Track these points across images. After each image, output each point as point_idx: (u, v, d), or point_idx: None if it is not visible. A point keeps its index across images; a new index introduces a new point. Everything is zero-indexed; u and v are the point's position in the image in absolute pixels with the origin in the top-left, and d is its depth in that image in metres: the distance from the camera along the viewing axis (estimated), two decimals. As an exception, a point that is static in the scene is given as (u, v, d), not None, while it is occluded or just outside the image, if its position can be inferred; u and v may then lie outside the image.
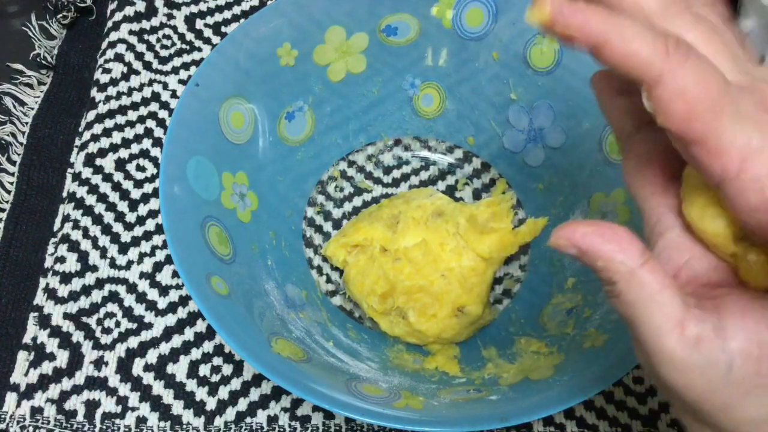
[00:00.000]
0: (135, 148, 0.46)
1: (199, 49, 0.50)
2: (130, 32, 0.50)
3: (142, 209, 0.44)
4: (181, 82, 0.49)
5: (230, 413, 0.39)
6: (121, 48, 0.49)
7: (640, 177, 0.25)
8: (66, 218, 0.43)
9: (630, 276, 0.22)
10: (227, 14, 0.52)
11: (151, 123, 0.47)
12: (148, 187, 0.45)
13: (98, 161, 0.45)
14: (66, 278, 0.41)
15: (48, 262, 0.43)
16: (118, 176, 0.45)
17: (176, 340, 0.41)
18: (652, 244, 0.25)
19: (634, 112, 0.25)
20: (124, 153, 0.46)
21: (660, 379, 0.22)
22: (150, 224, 0.44)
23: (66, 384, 0.39)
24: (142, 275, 0.42)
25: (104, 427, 0.38)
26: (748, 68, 0.22)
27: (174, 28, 0.51)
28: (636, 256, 0.22)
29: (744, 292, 0.22)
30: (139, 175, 0.45)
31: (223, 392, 0.39)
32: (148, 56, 0.49)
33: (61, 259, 0.42)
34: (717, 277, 0.23)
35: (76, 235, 0.43)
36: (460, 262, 0.41)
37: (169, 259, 0.43)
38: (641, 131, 0.25)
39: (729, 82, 0.20)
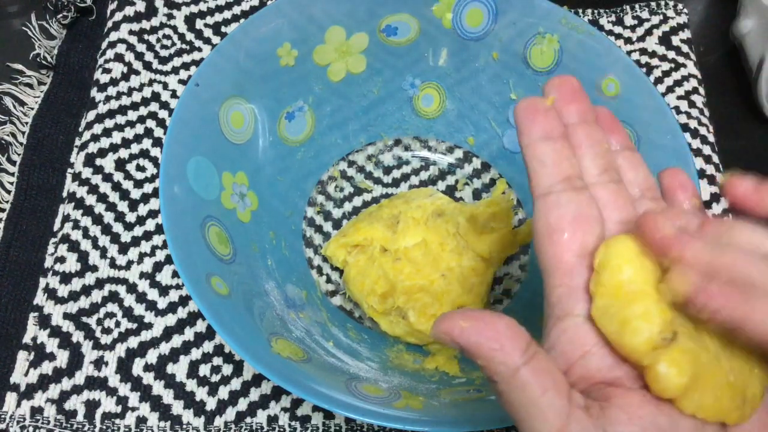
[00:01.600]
0: (135, 148, 0.46)
1: (199, 49, 0.50)
2: (130, 32, 0.50)
3: (142, 209, 0.44)
4: (181, 82, 0.49)
5: (230, 413, 0.39)
6: (121, 48, 0.49)
7: (549, 243, 0.23)
8: (66, 218, 0.43)
9: (510, 377, 0.20)
10: (227, 14, 0.52)
11: (151, 123, 0.47)
12: (148, 187, 0.45)
13: (98, 161, 0.45)
14: (66, 278, 0.41)
15: (48, 262, 0.43)
16: (118, 176, 0.45)
17: (176, 340, 0.41)
18: (549, 325, 0.23)
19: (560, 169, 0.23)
20: (124, 153, 0.46)
21: None
22: (150, 224, 0.44)
23: (66, 384, 0.39)
24: (142, 275, 0.42)
25: (104, 427, 0.38)
26: None
27: (174, 28, 0.51)
28: (517, 355, 0.20)
29: (634, 393, 0.21)
30: (139, 175, 0.45)
31: (223, 392, 0.39)
32: (148, 56, 0.49)
33: (61, 259, 0.42)
34: (612, 375, 0.22)
35: (76, 235, 0.43)
36: (460, 262, 0.41)
37: (169, 259, 0.43)
38: (562, 192, 0.23)
39: None
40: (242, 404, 0.39)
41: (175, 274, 0.43)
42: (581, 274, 0.23)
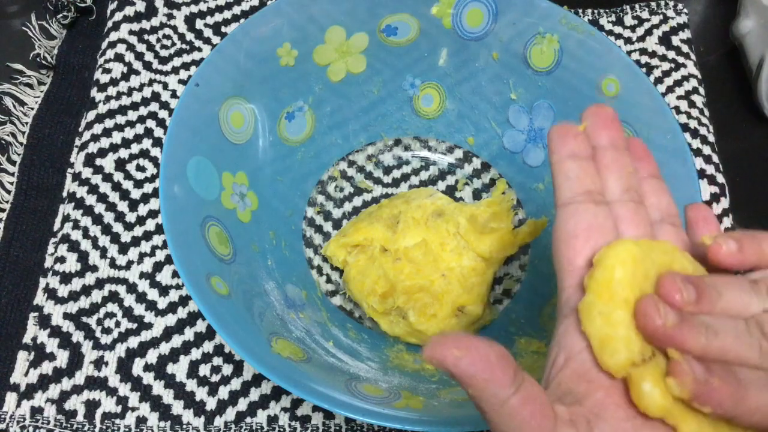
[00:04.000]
0: (135, 148, 0.46)
1: (199, 49, 0.50)
2: (130, 32, 0.50)
3: (142, 209, 0.44)
4: (181, 82, 0.49)
5: (230, 413, 0.39)
6: (121, 48, 0.49)
7: (565, 247, 0.25)
8: (66, 218, 0.43)
9: (500, 407, 0.21)
10: (227, 14, 0.52)
11: (151, 123, 0.47)
12: (148, 187, 0.45)
13: (98, 161, 0.45)
14: (66, 278, 0.41)
15: (48, 262, 0.43)
16: (118, 176, 0.45)
17: (176, 340, 0.41)
18: (557, 321, 0.25)
19: (580, 177, 0.25)
20: (124, 153, 0.46)
21: None
22: (150, 224, 0.44)
23: (66, 384, 0.39)
24: (142, 275, 0.42)
25: (104, 427, 0.38)
26: None
27: (174, 28, 0.51)
28: (507, 385, 0.21)
29: (619, 407, 0.22)
30: (139, 175, 0.45)
31: (223, 392, 0.39)
32: (148, 56, 0.49)
33: (61, 259, 0.42)
34: (600, 375, 0.23)
35: (76, 235, 0.43)
36: (460, 262, 0.41)
37: (169, 259, 0.43)
38: (581, 203, 0.25)
39: None
40: (242, 404, 0.39)
41: (175, 274, 0.43)
42: None
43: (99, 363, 0.39)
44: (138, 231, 0.44)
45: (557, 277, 0.25)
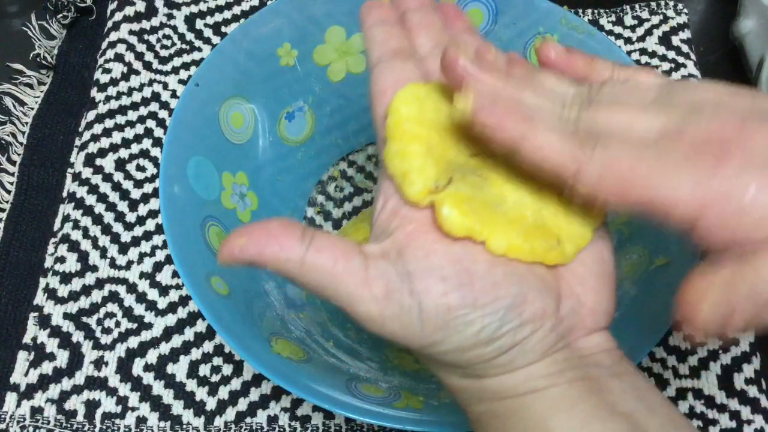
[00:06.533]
0: (135, 148, 0.46)
1: (199, 49, 0.50)
2: (130, 32, 0.50)
3: (142, 209, 0.44)
4: (181, 82, 0.49)
5: (230, 413, 0.39)
6: (121, 48, 0.49)
7: (377, 104, 0.26)
8: (66, 218, 0.43)
9: (301, 266, 0.22)
10: (227, 14, 0.52)
11: (151, 123, 0.47)
12: (148, 187, 0.45)
13: (98, 161, 0.45)
14: (66, 278, 0.41)
15: (48, 262, 0.43)
16: (118, 176, 0.45)
17: (176, 340, 0.41)
18: (379, 173, 0.25)
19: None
20: (124, 153, 0.46)
21: (377, 335, 0.23)
22: (150, 224, 0.44)
23: (66, 384, 0.39)
24: (142, 275, 0.42)
25: (104, 427, 0.38)
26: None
27: (174, 28, 0.51)
28: (297, 244, 0.22)
29: (429, 233, 0.22)
30: (139, 175, 0.45)
31: (223, 392, 0.39)
32: (148, 56, 0.49)
33: (61, 259, 0.42)
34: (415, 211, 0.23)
35: (76, 235, 0.43)
36: (460, 262, 0.41)
37: (169, 259, 0.43)
38: (387, 62, 0.26)
39: (646, 141, 0.21)
40: (242, 404, 0.39)
41: (175, 274, 0.43)
42: None
43: (99, 363, 0.39)
44: (138, 231, 0.44)
45: (376, 132, 0.26)
